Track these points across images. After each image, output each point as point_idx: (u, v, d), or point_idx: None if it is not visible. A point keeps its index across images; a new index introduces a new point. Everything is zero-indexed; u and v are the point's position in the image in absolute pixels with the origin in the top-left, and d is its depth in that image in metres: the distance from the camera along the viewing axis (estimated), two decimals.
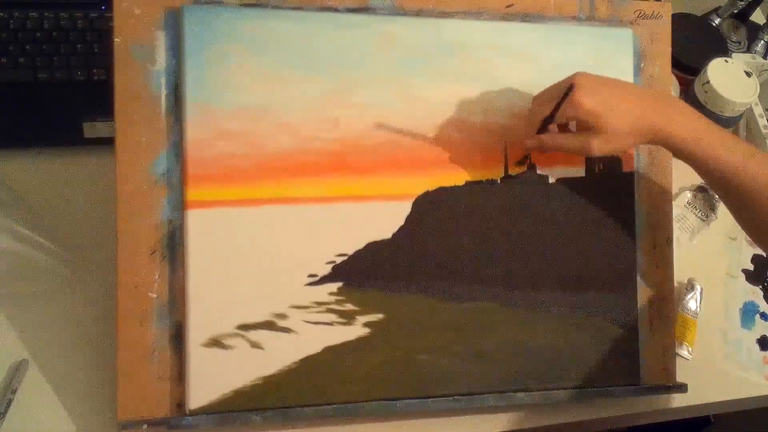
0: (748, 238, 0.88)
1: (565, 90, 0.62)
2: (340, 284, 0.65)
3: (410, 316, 0.66)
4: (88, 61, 0.78)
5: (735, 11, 1.01)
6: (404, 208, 0.67)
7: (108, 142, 0.63)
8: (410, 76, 0.67)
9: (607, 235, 0.72)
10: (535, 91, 0.67)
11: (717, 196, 0.72)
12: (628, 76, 0.72)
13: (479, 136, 0.69)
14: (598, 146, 0.62)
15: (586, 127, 0.63)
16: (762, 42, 1.01)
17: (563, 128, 0.67)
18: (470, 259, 0.68)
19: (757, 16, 1.07)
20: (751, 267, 0.87)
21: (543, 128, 0.65)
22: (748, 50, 1.01)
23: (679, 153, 0.64)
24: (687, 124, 0.62)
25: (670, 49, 0.75)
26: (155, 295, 0.62)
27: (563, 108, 0.62)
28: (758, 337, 0.82)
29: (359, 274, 0.65)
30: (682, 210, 0.87)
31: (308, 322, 0.64)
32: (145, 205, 0.62)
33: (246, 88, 0.63)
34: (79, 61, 0.78)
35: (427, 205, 0.67)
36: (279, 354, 0.63)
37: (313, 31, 0.65)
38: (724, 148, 0.62)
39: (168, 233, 0.62)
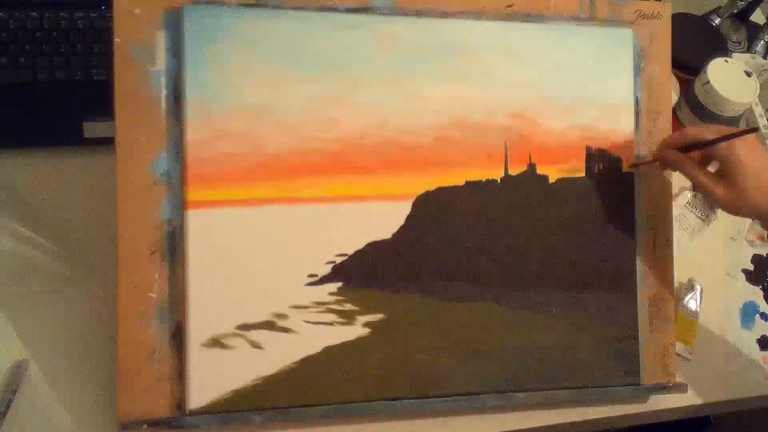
0: (748, 238, 0.89)
1: (745, 129, 0.63)
2: (340, 284, 0.65)
3: (410, 316, 0.66)
4: (88, 61, 0.78)
5: (735, 11, 1.01)
6: (404, 208, 0.67)
7: (108, 142, 0.62)
8: (410, 76, 0.67)
9: (607, 235, 0.72)
10: (535, 92, 0.67)
11: None
12: (628, 76, 0.72)
13: (479, 136, 0.69)
14: (722, 195, 0.64)
15: (723, 175, 0.64)
16: (762, 42, 1.01)
17: (702, 163, 0.68)
18: (470, 259, 0.68)
19: (757, 16, 1.07)
20: (751, 267, 0.87)
21: (687, 149, 0.66)
22: (748, 50, 1.01)
23: None
24: None
25: (670, 49, 0.75)
26: (155, 295, 0.62)
27: (726, 144, 0.63)
28: (758, 337, 0.82)
29: (359, 274, 0.65)
30: (682, 210, 0.87)
31: (308, 322, 0.64)
32: (145, 205, 0.62)
33: (246, 88, 0.63)
34: (79, 61, 0.77)
35: (427, 205, 0.67)
36: (279, 354, 0.63)
37: (313, 31, 0.65)
38: None
39: (168, 233, 0.62)
